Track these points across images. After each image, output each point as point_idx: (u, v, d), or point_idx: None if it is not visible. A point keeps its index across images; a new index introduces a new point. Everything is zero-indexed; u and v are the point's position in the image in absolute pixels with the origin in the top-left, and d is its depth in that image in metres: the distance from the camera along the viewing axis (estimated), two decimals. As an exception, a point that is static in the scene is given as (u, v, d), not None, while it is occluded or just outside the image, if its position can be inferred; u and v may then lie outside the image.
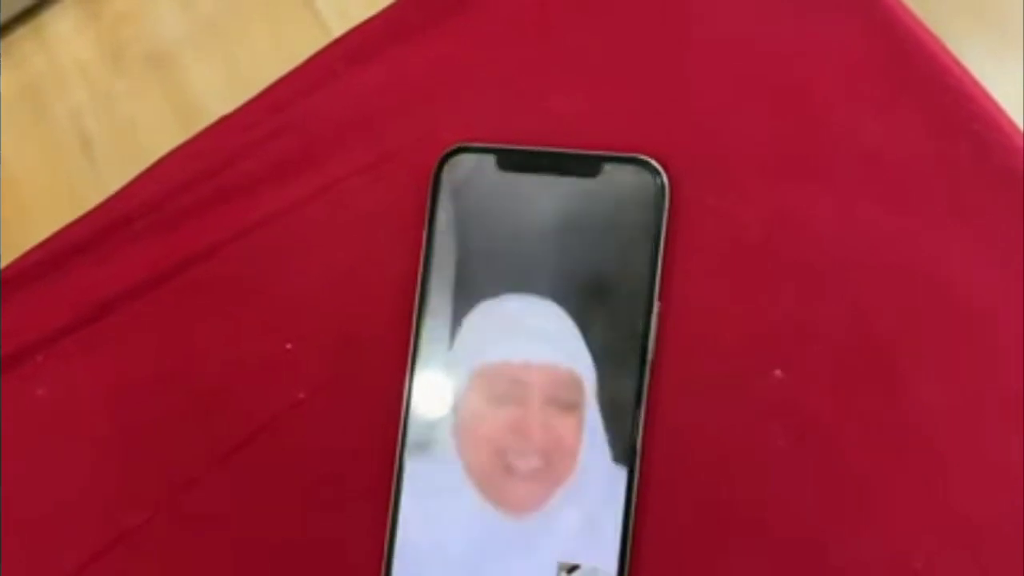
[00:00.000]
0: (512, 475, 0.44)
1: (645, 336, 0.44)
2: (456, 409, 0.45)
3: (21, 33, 0.55)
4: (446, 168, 0.46)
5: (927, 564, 0.41)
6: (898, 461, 0.42)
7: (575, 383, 0.44)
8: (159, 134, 0.51)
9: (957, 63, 0.45)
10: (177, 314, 0.48)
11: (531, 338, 0.44)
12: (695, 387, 0.44)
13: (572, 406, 0.44)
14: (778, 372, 0.44)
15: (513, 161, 0.46)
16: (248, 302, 0.48)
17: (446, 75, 0.49)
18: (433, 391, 0.45)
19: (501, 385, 0.44)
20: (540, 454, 0.44)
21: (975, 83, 0.45)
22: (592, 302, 0.44)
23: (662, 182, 0.45)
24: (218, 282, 0.48)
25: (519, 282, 0.45)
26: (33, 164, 0.54)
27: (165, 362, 0.48)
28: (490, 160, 0.46)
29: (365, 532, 0.45)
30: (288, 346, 0.47)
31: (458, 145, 0.47)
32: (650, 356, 0.44)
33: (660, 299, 0.44)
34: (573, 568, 0.43)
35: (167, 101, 0.53)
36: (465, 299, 0.45)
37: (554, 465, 0.44)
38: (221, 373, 0.48)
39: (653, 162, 0.45)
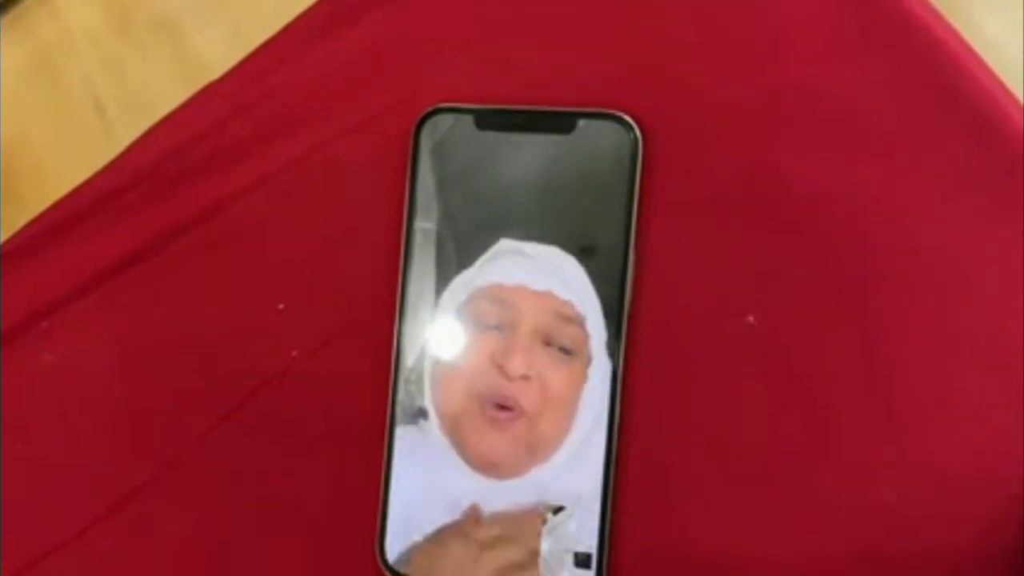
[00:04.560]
0: (487, 425, 0.44)
1: (622, 286, 0.45)
2: (435, 352, 0.45)
3: (30, 3, 0.57)
4: (425, 128, 0.47)
5: (900, 498, 0.42)
6: (869, 402, 0.43)
7: (577, 323, 0.43)
8: (166, 95, 0.52)
9: (929, 10, 0.45)
10: (173, 279, 0.50)
11: (533, 266, 0.43)
12: (671, 334, 0.45)
13: (571, 351, 0.43)
14: (751, 318, 0.44)
15: (490, 120, 0.47)
16: (240, 265, 0.50)
17: (426, 37, 0.49)
18: (420, 348, 0.46)
19: (486, 309, 0.43)
20: (520, 400, 0.43)
21: (947, 29, 0.44)
22: (571, 253, 0.45)
23: (635, 136, 0.45)
24: (210, 247, 0.50)
25: (500, 248, 0.46)
26: (49, 129, 0.55)
27: (164, 326, 0.50)
28: (468, 120, 0.47)
29: (362, 485, 0.47)
30: (280, 306, 0.49)
31: (436, 106, 0.47)
32: (627, 305, 0.45)
33: (635, 250, 0.45)
34: (558, 509, 0.44)
35: (174, 64, 0.54)
36: (448, 254, 0.46)
37: (537, 424, 0.43)
38: (218, 335, 0.49)
39: (626, 117, 0.46)
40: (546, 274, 0.42)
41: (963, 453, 0.42)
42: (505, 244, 0.43)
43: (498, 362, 0.42)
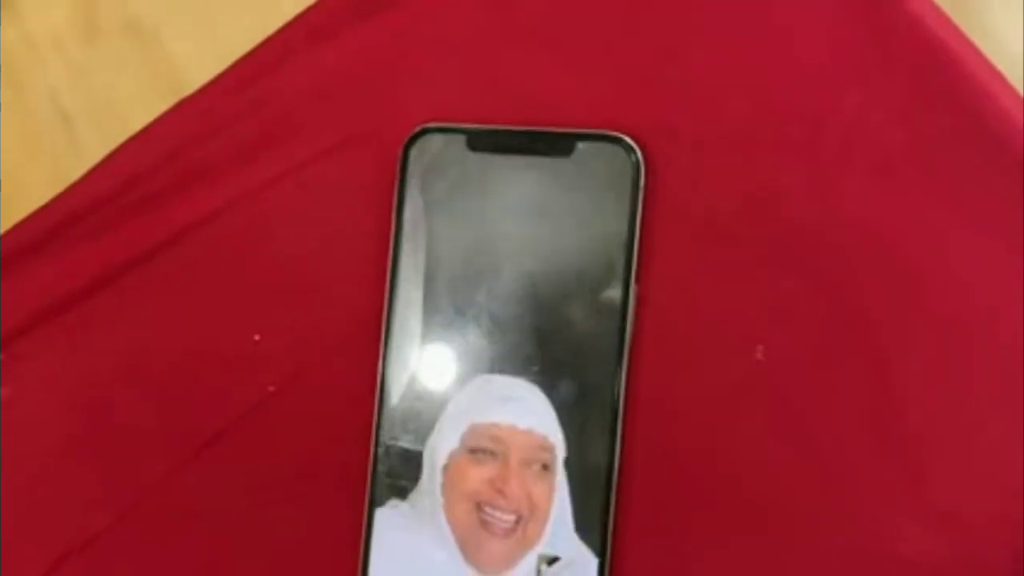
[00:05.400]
0: (488, 531, 0.45)
1: (623, 317, 0.43)
2: (442, 460, 0.45)
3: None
4: (414, 149, 0.45)
5: (916, 550, 0.41)
6: (884, 446, 0.41)
7: (549, 450, 0.44)
8: (139, 107, 0.50)
9: (944, 24, 0.43)
10: (139, 308, 0.48)
11: (517, 409, 0.45)
12: (674, 367, 0.43)
13: (547, 467, 0.44)
14: (759, 352, 0.43)
15: (483, 141, 0.45)
16: (212, 293, 0.48)
17: (416, 52, 0.47)
18: (405, 387, 0.45)
19: (485, 443, 0.45)
20: (514, 512, 0.44)
21: (965, 46, 0.42)
22: (568, 285, 0.44)
23: (637, 159, 0.43)
24: (180, 273, 0.48)
25: (491, 277, 0.44)
26: (10, 144, 0.53)
27: (130, 358, 0.48)
28: (459, 140, 0.45)
29: (338, 527, 0.45)
30: (256, 337, 0.47)
31: (425, 125, 0.45)
32: (628, 336, 0.43)
33: (637, 280, 0.43)
34: (553, 560, 0.43)
35: (146, 72, 0.52)
36: (437, 285, 0.45)
37: (526, 528, 0.44)
38: (187, 367, 0.47)
39: (627, 139, 0.44)
40: (528, 415, 0.45)
41: (982, 501, 0.41)
42: (490, 386, 0.46)
43: (498, 487, 0.45)
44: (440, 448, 0.45)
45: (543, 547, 0.44)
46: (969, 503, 0.41)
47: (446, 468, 0.45)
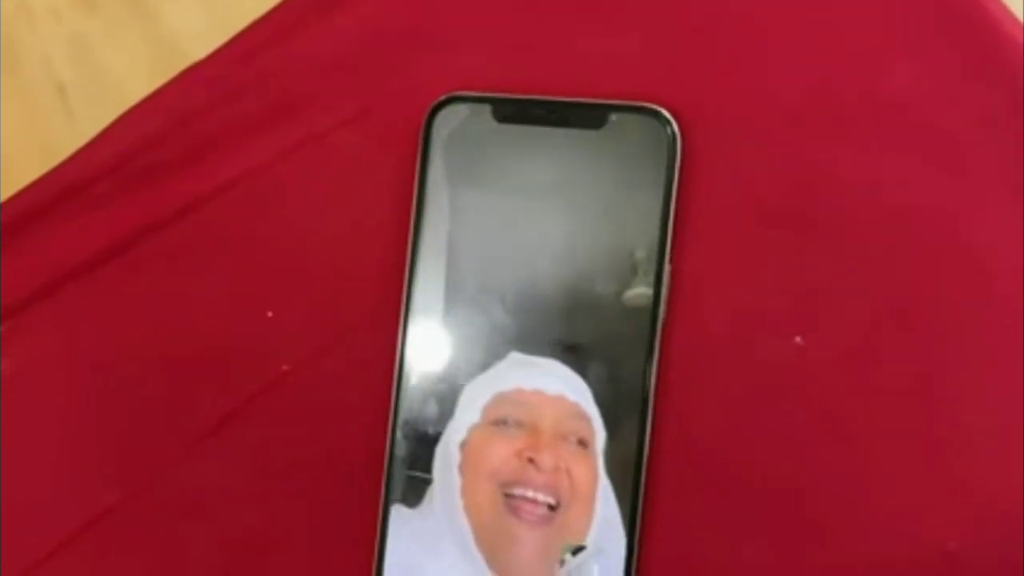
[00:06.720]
0: (516, 518, 0.42)
1: (656, 299, 0.41)
2: (460, 435, 0.43)
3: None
4: (437, 119, 0.44)
5: (961, 546, 0.39)
6: (927, 437, 0.40)
7: (586, 420, 0.42)
8: (137, 79, 0.49)
9: (996, 3, 0.42)
10: (148, 281, 0.46)
11: (544, 373, 0.43)
12: (708, 353, 0.42)
13: (584, 443, 0.42)
14: (798, 339, 0.41)
15: (510, 111, 0.43)
16: (224, 268, 0.46)
17: (439, 15, 0.46)
18: (425, 369, 0.43)
19: (510, 410, 0.43)
20: (551, 493, 0.42)
21: (1015, 22, 0.41)
22: (598, 265, 0.42)
23: (673, 133, 0.42)
24: (191, 246, 0.46)
25: (517, 255, 0.43)
26: (7, 112, 0.52)
27: (138, 333, 0.46)
28: (485, 110, 0.44)
29: (353, 512, 0.43)
30: (269, 314, 0.45)
31: (450, 94, 0.44)
32: (661, 320, 0.41)
33: (671, 261, 0.42)
34: (578, 549, 0.41)
35: (144, 44, 0.51)
36: (460, 261, 0.43)
37: (566, 518, 0.42)
38: (198, 344, 0.46)
39: (663, 111, 0.42)
40: (557, 380, 0.42)
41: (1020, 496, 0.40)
42: (515, 357, 0.43)
43: (528, 456, 0.42)
44: (459, 422, 0.43)
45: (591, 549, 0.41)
46: (1008, 497, 0.39)
47: (464, 445, 0.43)
